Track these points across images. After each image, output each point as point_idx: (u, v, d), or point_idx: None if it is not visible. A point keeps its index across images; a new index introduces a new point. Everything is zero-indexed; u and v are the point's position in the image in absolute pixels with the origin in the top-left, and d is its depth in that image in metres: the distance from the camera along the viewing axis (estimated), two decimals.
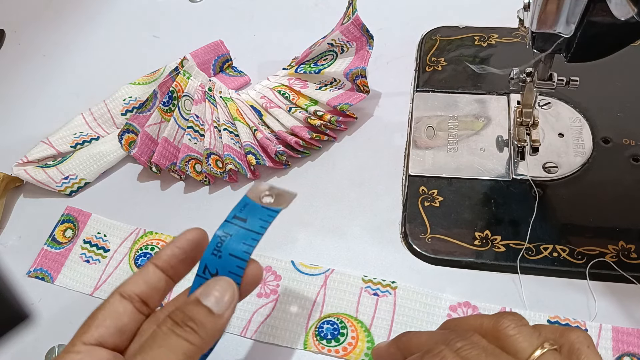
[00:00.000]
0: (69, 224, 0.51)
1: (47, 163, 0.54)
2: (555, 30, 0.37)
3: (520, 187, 0.48)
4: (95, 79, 0.62)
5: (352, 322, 0.43)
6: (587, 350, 0.30)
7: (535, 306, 0.42)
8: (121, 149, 0.54)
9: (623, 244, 0.44)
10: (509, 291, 0.43)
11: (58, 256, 0.49)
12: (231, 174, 0.51)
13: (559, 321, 0.41)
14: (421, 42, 0.60)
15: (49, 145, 0.54)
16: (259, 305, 0.44)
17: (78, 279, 0.47)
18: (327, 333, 0.42)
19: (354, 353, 0.41)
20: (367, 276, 0.45)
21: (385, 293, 0.44)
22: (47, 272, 0.48)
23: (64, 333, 0.45)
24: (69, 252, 0.49)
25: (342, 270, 0.45)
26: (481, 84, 0.55)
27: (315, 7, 0.66)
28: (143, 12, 0.69)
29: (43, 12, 0.71)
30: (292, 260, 0.46)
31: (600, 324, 0.41)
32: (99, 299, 0.46)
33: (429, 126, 0.53)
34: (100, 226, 0.50)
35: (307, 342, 0.42)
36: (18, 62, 0.66)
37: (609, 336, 0.40)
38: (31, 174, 0.52)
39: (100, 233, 0.50)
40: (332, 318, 0.43)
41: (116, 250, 0.49)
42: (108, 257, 0.48)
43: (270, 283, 0.45)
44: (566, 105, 0.52)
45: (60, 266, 0.48)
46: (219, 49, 0.59)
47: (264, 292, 0.45)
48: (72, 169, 0.53)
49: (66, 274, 0.48)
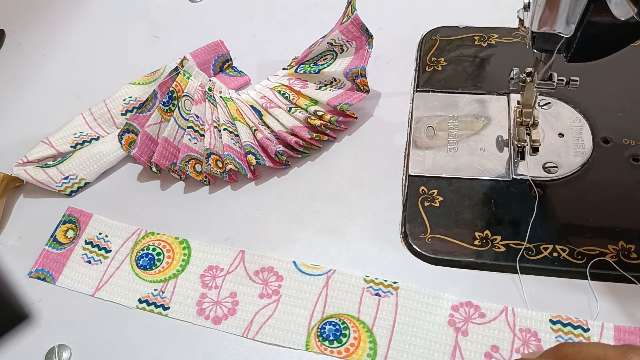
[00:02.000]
0: (71, 225, 0.51)
1: (47, 163, 0.54)
2: (555, 30, 0.37)
3: (520, 187, 0.48)
4: (95, 79, 0.62)
5: (354, 323, 0.43)
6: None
7: (537, 306, 0.42)
8: (121, 149, 0.54)
9: (623, 244, 0.44)
10: (510, 291, 0.43)
11: (59, 257, 0.49)
12: (231, 174, 0.51)
13: (560, 320, 0.41)
14: (421, 42, 0.60)
15: (49, 145, 0.54)
16: (261, 305, 0.44)
17: (80, 279, 0.47)
18: (329, 334, 0.42)
19: (356, 354, 0.41)
20: (369, 276, 0.45)
21: (387, 293, 0.44)
22: (48, 273, 0.48)
23: (64, 333, 0.45)
24: (71, 253, 0.49)
25: (344, 270, 0.45)
26: (481, 84, 0.55)
27: (315, 7, 0.66)
28: (143, 12, 0.69)
29: (43, 12, 0.71)
30: (294, 261, 0.46)
31: (602, 322, 0.41)
32: (100, 299, 0.46)
33: (429, 126, 0.53)
34: (101, 227, 0.50)
35: (309, 343, 0.42)
36: (18, 62, 0.66)
37: (611, 335, 0.40)
38: (31, 174, 0.52)
39: (101, 234, 0.50)
40: (334, 319, 0.43)
41: (118, 251, 0.49)
42: (110, 257, 0.48)
43: (272, 284, 0.45)
44: (566, 105, 0.52)
45: (61, 267, 0.48)
46: (219, 49, 0.59)
47: (265, 293, 0.45)
48: (72, 169, 0.53)
49: (68, 274, 0.48)
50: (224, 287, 0.45)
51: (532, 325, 0.41)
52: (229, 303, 0.45)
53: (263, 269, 0.46)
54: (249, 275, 0.46)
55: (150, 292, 0.46)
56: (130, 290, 0.46)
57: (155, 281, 0.46)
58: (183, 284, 0.46)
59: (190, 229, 0.49)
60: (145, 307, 0.45)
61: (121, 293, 0.46)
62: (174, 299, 0.45)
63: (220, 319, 0.44)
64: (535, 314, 0.41)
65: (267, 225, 0.49)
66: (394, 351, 0.41)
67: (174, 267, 0.47)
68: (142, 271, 0.47)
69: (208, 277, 0.46)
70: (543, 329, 0.41)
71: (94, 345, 0.44)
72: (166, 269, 0.47)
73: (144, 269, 0.47)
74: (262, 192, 0.51)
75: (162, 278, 0.46)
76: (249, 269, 0.46)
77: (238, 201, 0.51)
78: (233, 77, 0.59)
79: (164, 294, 0.46)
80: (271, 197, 0.51)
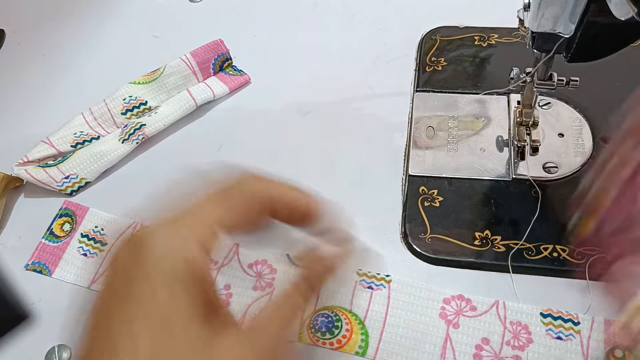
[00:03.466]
0: (67, 218, 0.51)
1: (47, 163, 0.54)
2: (555, 30, 0.37)
3: (520, 187, 0.48)
4: (95, 79, 0.62)
5: (346, 315, 0.43)
6: None
7: (534, 304, 0.42)
8: (122, 148, 0.54)
9: None
10: (509, 291, 0.43)
11: (56, 250, 0.49)
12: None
13: (551, 313, 0.41)
14: (421, 42, 0.60)
15: (50, 144, 0.54)
16: (254, 298, 0.44)
17: (76, 272, 0.48)
18: (321, 326, 0.42)
19: (348, 345, 0.41)
20: (361, 270, 0.45)
21: (380, 286, 0.44)
22: (45, 266, 0.48)
23: (64, 333, 0.45)
24: (67, 246, 0.49)
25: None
26: (481, 84, 0.55)
27: (315, 7, 0.66)
28: (143, 12, 0.69)
29: (43, 12, 0.71)
30: (288, 254, 0.46)
31: (593, 316, 0.41)
32: (95, 292, 0.46)
33: (429, 126, 0.53)
34: (97, 220, 0.50)
35: (302, 335, 0.42)
36: (18, 62, 0.66)
37: (601, 329, 0.40)
38: (32, 174, 0.52)
39: (97, 227, 0.50)
40: (326, 311, 0.43)
41: (113, 244, 0.48)
42: (105, 250, 0.48)
43: (266, 276, 0.45)
44: (566, 105, 0.52)
45: (58, 259, 0.48)
46: (219, 48, 0.59)
47: (259, 285, 0.45)
48: (72, 169, 0.53)
49: (64, 267, 0.48)
50: (218, 280, 0.46)
51: (522, 318, 0.41)
52: (223, 295, 0.45)
53: (257, 262, 0.46)
54: (243, 268, 0.46)
55: None
56: None
57: None
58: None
59: None
60: None
61: None
62: None
63: None
64: (526, 307, 0.42)
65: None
66: (386, 343, 0.41)
67: None
68: None
69: None
70: (534, 322, 0.41)
71: None
72: None
73: None
74: None
75: None
76: (243, 261, 0.46)
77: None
78: (233, 77, 0.59)
79: None
80: None
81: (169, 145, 0.56)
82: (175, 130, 0.57)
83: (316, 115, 0.56)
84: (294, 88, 0.58)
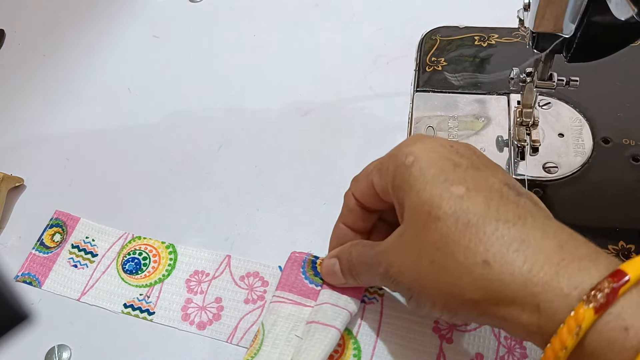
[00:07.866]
0: (58, 229, 0.50)
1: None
2: (555, 31, 0.37)
3: None
4: (95, 79, 0.62)
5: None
6: None
7: None
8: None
9: (623, 244, 0.44)
10: None
11: (46, 261, 0.48)
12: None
13: None
14: (421, 42, 0.60)
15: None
16: (245, 311, 0.44)
17: (66, 283, 0.47)
18: None
19: None
20: None
21: (372, 300, 0.43)
22: (34, 277, 0.47)
23: (63, 333, 0.45)
24: (57, 257, 0.48)
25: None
26: (481, 84, 0.55)
27: (315, 7, 0.66)
28: (143, 12, 0.69)
29: (43, 12, 0.71)
30: (280, 266, 0.45)
31: None
32: (86, 304, 0.46)
33: (429, 126, 0.53)
34: (88, 230, 0.50)
35: None
36: (18, 62, 0.66)
37: None
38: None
39: (88, 238, 0.49)
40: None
41: (104, 255, 0.48)
42: (96, 262, 0.48)
43: (257, 289, 0.45)
44: (566, 105, 0.52)
45: (48, 271, 0.48)
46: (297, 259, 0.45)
47: (250, 299, 0.44)
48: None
49: (54, 278, 0.47)
50: (209, 292, 0.45)
51: None
52: (214, 308, 0.44)
53: (249, 274, 0.45)
54: (235, 281, 0.45)
55: (136, 296, 0.45)
56: (116, 294, 0.46)
57: (141, 286, 0.46)
58: (168, 289, 0.46)
59: (191, 229, 0.49)
60: (131, 311, 0.45)
61: (107, 298, 0.46)
62: (159, 304, 0.45)
63: (205, 325, 0.44)
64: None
65: (268, 225, 0.49)
66: (379, 358, 0.40)
67: (159, 271, 0.47)
68: (128, 276, 0.47)
69: (194, 282, 0.46)
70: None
71: (94, 346, 0.44)
72: (152, 273, 0.46)
73: (130, 274, 0.47)
74: (262, 192, 0.51)
75: (147, 283, 0.46)
76: (235, 274, 0.46)
77: (238, 201, 0.51)
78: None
79: (149, 299, 0.45)
80: (271, 197, 0.51)
81: (167, 147, 0.56)
82: (174, 131, 0.57)
83: (316, 115, 0.56)
84: (293, 88, 0.58)
